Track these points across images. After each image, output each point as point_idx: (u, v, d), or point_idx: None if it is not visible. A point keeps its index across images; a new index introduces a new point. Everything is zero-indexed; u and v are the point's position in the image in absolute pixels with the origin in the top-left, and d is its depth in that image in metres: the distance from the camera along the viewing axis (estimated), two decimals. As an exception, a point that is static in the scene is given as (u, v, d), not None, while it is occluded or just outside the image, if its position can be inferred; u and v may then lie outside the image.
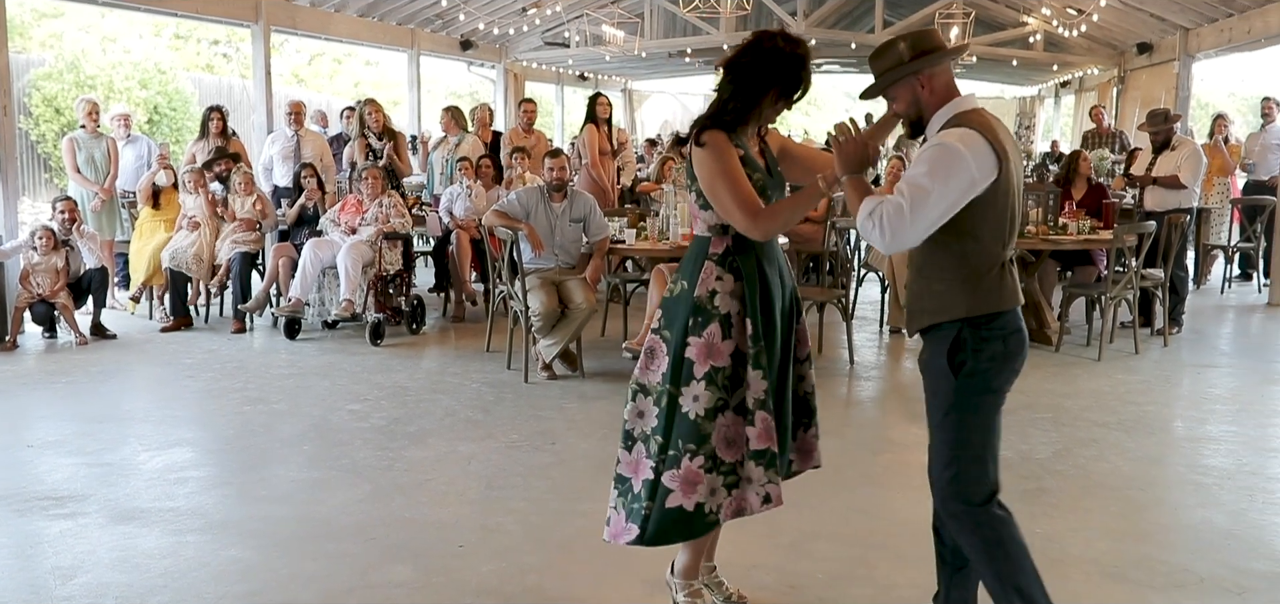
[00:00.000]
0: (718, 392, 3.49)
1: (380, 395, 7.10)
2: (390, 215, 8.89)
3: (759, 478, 3.53)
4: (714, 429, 3.50)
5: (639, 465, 3.63)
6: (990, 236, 3.19)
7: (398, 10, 15.35)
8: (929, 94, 3.25)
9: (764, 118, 3.58)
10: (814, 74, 3.59)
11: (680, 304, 3.56)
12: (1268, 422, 6.68)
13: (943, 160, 3.05)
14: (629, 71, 26.47)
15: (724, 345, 3.50)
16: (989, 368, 3.22)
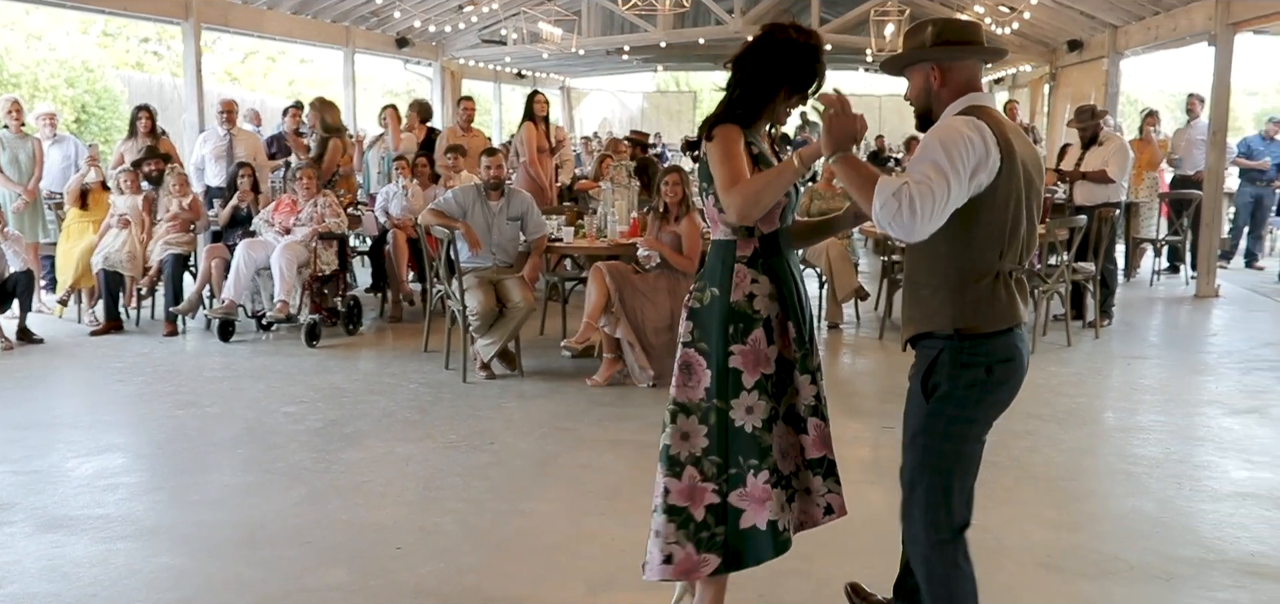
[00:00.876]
0: (770, 400, 3.33)
1: (316, 397, 7.02)
2: (325, 215, 8.78)
3: (819, 488, 3.42)
4: (773, 440, 3.33)
5: (696, 492, 3.36)
6: (985, 241, 2.98)
7: (331, 7, 15.18)
8: (940, 86, 3.09)
9: (777, 115, 3.44)
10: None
11: (714, 313, 3.35)
12: (1195, 411, 6.82)
13: (953, 141, 2.85)
14: (567, 69, 26.43)
15: (769, 351, 3.34)
16: (965, 396, 3.04)
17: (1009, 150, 2.93)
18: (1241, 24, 10.88)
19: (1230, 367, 8.05)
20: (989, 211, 2.94)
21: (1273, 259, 13.50)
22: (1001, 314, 3.01)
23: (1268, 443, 6.18)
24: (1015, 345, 3.07)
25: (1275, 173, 13.00)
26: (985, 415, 3.10)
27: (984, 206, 2.92)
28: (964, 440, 3.08)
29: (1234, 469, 5.68)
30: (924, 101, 3.14)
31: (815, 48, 3.35)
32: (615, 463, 5.70)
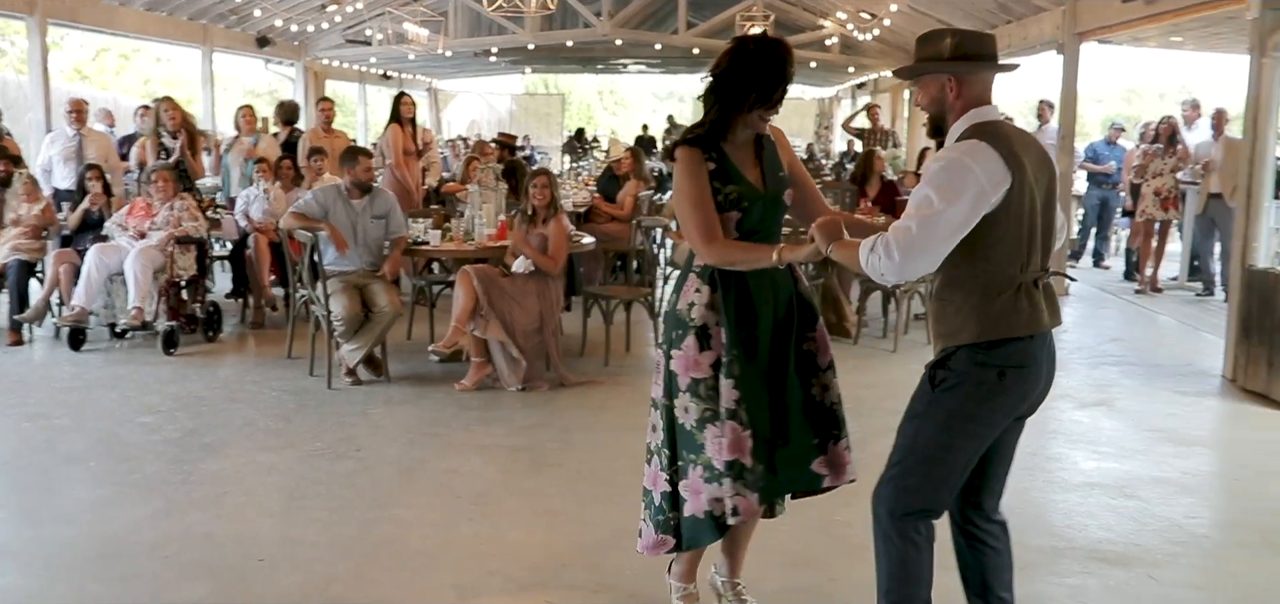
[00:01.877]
0: (702, 402, 3.47)
1: (174, 406, 6.79)
2: (182, 218, 8.51)
3: (727, 490, 3.44)
4: (706, 439, 3.47)
5: (657, 478, 3.63)
6: (1004, 256, 3.02)
7: (187, 5, 14.74)
8: (955, 98, 3.11)
9: (753, 126, 3.45)
10: (625, 73, 3.52)
11: (668, 318, 3.58)
12: (1046, 405, 7.02)
13: (947, 175, 2.92)
14: (434, 70, 26.15)
15: (703, 357, 3.46)
16: (974, 392, 3.09)
17: (1018, 165, 2.97)
18: (1087, 34, 11.34)
19: (1079, 362, 8.39)
20: (1003, 227, 2.98)
21: (1118, 258, 14.11)
22: (1023, 322, 3.06)
23: (1114, 435, 6.47)
24: (1032, 352, 3.11)
25: (1119, 175, 13.59)
26: (990, 416, 3.13)
27: (998, 224, 2.97)
28: (958, 435, 3.13)
29: (1083, 460, 5.93)
30: (938, 110, 3.16)
31: (782, 57, 3.38)
32: (484, 467, 5.66)
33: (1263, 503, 5.32)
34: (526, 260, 7.16)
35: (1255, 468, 5.88)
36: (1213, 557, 4.68)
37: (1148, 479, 5.60)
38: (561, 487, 5.37)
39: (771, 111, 3.43)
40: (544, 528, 4.84)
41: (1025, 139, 3.12)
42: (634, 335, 8.60)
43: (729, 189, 3.42)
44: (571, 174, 17.64)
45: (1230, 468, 6.08)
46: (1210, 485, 5.78)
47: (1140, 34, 11.64)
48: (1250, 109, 7.76)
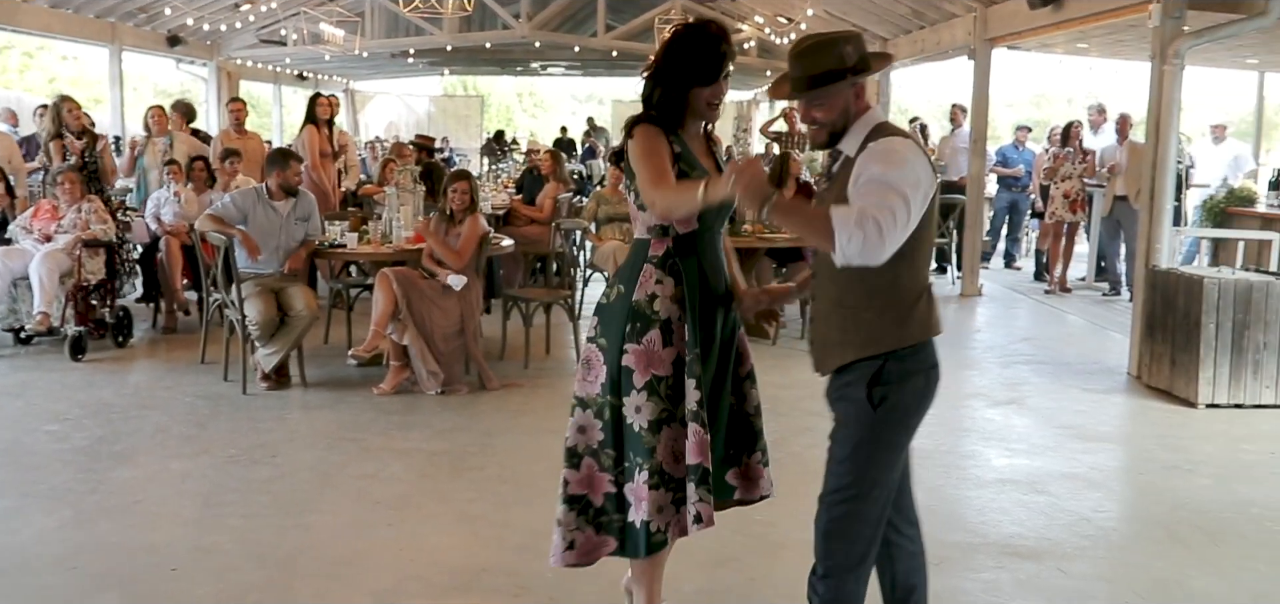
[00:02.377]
0: (661, 402, 3.32)
1: (82, 414, 6.63)
2: (90, 221, 8.31)
3: (692, 496, 3.30)
4: (659, 442, 3.32)
5: (595, 480, 3.45)
6: (923, 259, 3.02)
7: (95, 2, 14.38)
8: (858, 104, 3.01)
9: (700, 114, 3.37)
10: (544, 75, 3.44)
11: (617, 310, 3.38)
12: (960, 404, 7.23)
13: (902, 164, 2.82)
14: (350, 71, 25.85)
15: (665, 353, 3.32)
16: (910, 403, 3.03)
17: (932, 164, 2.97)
18: (997, 39, 11.59)
19: (992, 361, 8.57)
20: (927, 230, 2.95)
21: (1029, 259, 14.43)
22: (935, 322, 3.05)
23: (1024, 432, 6.62)
24: (936, 350, 3.09)
25: (1028, 178, 13.91)
26: (918, 422, 3.10)
27: (924, 226, 2.92)
28: (901, 449, 3.10)
29: (995, 457, 6.06)
30: (843, 122, 3.01)
31: (715, 36, 3.30)
32: (403, 472, 5.61)
33: (1166, 496, 5.48)
34: (460, 277, 7.12)
35: (1159, 462, 6.06)
36: (1119, 549, 4.82)
37: (1057, 475, 5.74)
38: (481, 490, 5.34)
39: (716, 96, 3.34)
40: (464, 532, 4.82)
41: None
42: (554, 337, 8.59)
43: (695, 174, 3.27)
44: (490, 176, 17.56)
45: (1135, 462, 6.25)
46: (1117, 480, 5.94)
47: (1048, 40, 11.92)
48: (1152, 114, 8.00)
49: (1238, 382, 7.06)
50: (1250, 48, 11.54)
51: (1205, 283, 7.04)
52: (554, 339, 8.59)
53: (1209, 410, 7.02)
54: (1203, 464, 5.98)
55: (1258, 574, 4.52)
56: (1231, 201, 10.55)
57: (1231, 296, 7.01)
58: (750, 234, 8.94)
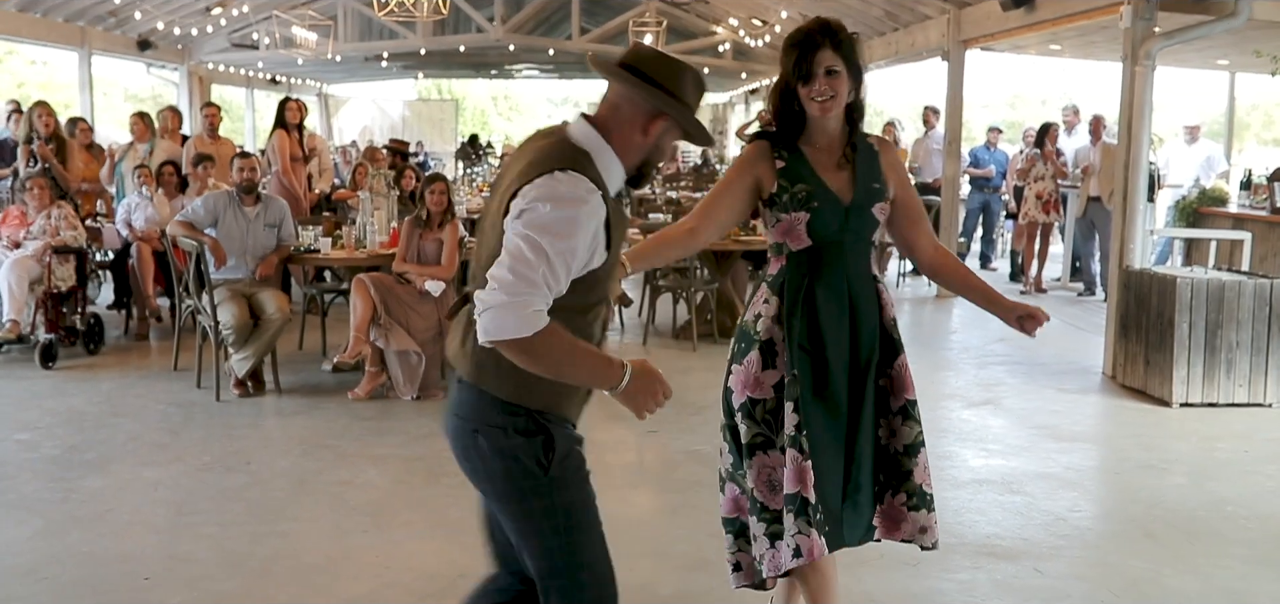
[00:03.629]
0: (755, 426, 3.16)
1: (53, 422, 6.56)
2: (60, 227, 8.23)
3: (789, 528, 3.09)
4: (751, 468, 3.17)
5: (739, 502, 3.30)
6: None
7: (64, 5, 14.24)
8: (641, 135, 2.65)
9: (813, 117, 3.13)
10: (519, 78, 3.22)
11: (737, 330, 3.30)
12: (937, 405, 7.25)
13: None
14: (323, 75, 25.72)
15: (765, 376, 3.16)
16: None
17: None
18: (971, 41, 11.64)
19: (968, 362, 8.60)
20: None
21: (1004, 260, 14.50)
22: None
23: (1000, 432, 6.64)
24: None
25: (1000, 179, 13.97)
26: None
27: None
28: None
29: (972, 458, 6.07)
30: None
31: (804, 28, 3.15)
32: (378, 478, 5.57)
33: (1141, 494, 5.51)
34: (438, 282, 7.09)
35: (1134, 461, 6.09)
36: (1095, 548, 4.84)
37: (1033, 475, 5.76)
38: (458, 496, 5.30)
39: (812, 94, 3.07)
40: (441, 538, 4.79)
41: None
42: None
43: (797, 188, 3.12)
44: (465, 180, 17.52)
45: (1110, 461, 6.28)
46: (1092, 479, 5.96)
47: (1020, 42, 11.98)
48: (1124, 115, 8.05)
49: (1211, 381, 7.11)
50: (1221, 49, 11.63)
51: (1178, 283, 7.09)
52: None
53: (1183, 409, 7.06)
54: (1177, 463, 6.02)
55: (1232, 572, 4.54)
56: (1203, 202, 10.63)
57: (1204, 296, 7.05)
58: (727, 237, 8.95)
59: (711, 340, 9.05)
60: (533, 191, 2.37)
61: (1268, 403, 7.10)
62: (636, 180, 2.62)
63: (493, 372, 2.49)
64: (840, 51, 3.08)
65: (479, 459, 2.57)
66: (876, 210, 3.19)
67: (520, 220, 2.34)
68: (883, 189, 3.20)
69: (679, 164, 19.64)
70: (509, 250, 2.33)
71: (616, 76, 2.54)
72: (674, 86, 2.52)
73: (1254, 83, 14.73)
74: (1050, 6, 9.37)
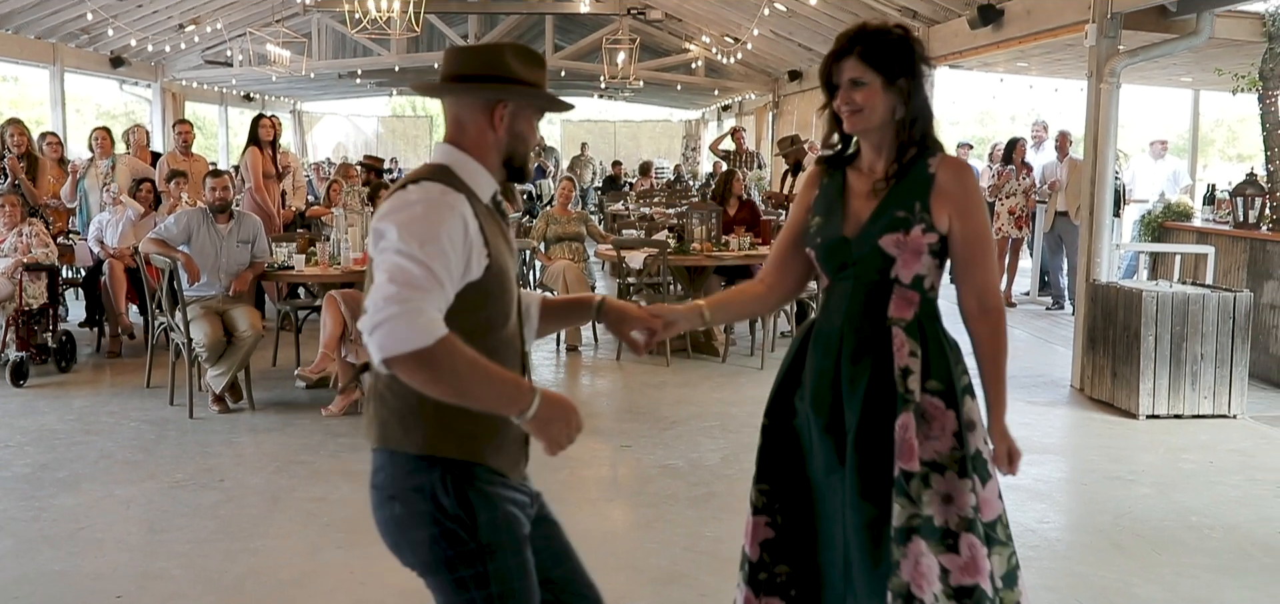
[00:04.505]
0: (756, 468, 2.96)
1: (24, 440, 6.53)
2: (31, 245, 8.20)
3: (739, 591, 2.91)
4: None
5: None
6: None
7: (37, 23, 14.18)
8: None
9: (855, 138, 2.84)
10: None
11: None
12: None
13: None
14: (298, 92, 25.69)
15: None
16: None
17: None
18: (939, 59, 11.75)
19: (938, 375, 8.66)
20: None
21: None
22: None
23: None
24: None
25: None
26: None
27: None
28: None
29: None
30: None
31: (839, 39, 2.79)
32: (353, 494, 5.58)
33: (1109, 505, 5.58)
34: None
35: (1102, 472, 6.17)
36: (1063, 558, 4.90)
37: (1003, 486, 5.79)
38: (432, 511, 5.32)
39: (838, 105, 2.75)
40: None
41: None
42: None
43: (815, 218, 2.85)
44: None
45: (1078, 473, 6.36)
46: (1061, 490, 6.04)
47: (988, 59, 12.11)
48: (1090, 132, 8.17)
49: (1176, 392, 7.20)
50: (1184, 67, 11.80)
51: (1144, 296, 7.19)
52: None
53: (1149, 421, 7.15)
54: (1143, 474, 6.10)
55: (1197, 581, 4.62)
56: (1168, 216, 10.77)
57: (1169, 309, 7.15)
58: (699, 252, 9.01)
59: (685, 355, 9.10)
60: (386, 211, 2.26)
61: (1232, 414, 7.20)
62: (516, 175, 2.49)
63: (398, 426, 2.33)
64: (869, 60, 2.68)
65: (398, 529, 2.38)
66: (888, 243, 2.71)
67: (382, 241, 2.21)
68: (909, 219, 2.69)
69: (651, 180, 19.73)
70: (381, 269, 2.17)
71: (442, 92, 2.45)
72: (497, 69, 2.39)
73: (1217, 100, 14.94)
74: (1017, 24, 9.50)
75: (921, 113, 2.72)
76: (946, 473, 2.68)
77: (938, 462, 2.68)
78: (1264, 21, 8.57)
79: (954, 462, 2.68)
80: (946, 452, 2.69)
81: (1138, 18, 7.90)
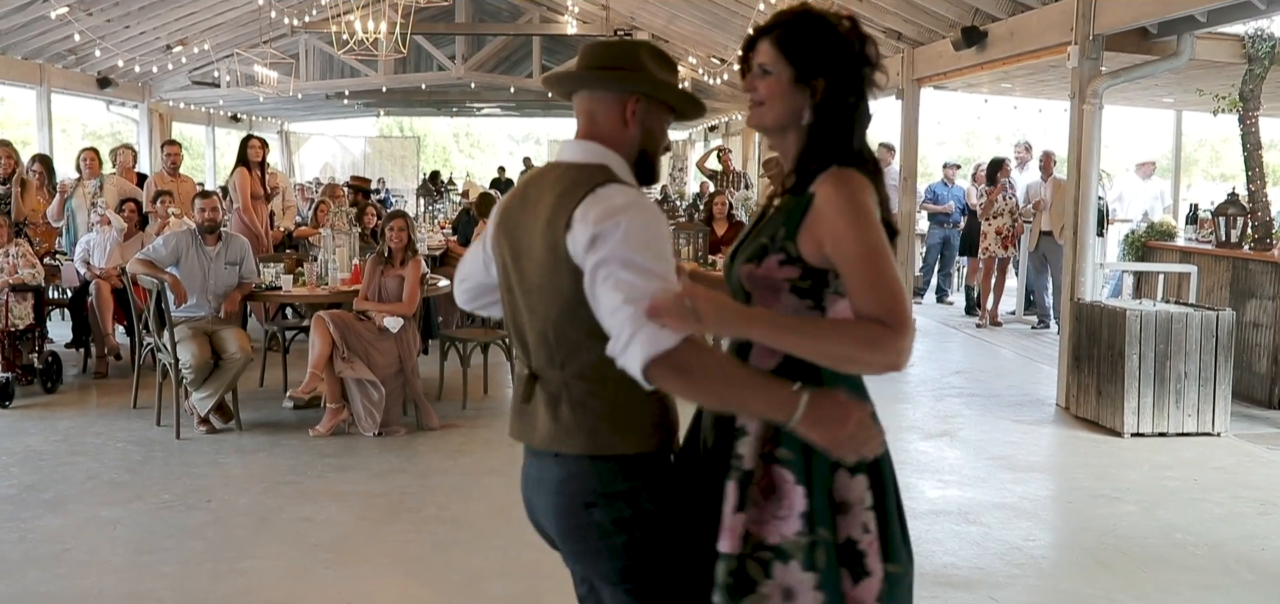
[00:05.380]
0: None
1: (10, 461, 6.51)
2: (18, 265, 8.18)
3: None
4: None
5: None
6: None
7: (23, 43, 14.18)
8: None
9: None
10: (480, 116, 2.59)
11: None
12: (895, 437, 7.19)
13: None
14: (285, 113, 25.70)
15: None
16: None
17: (498, 208, 2.50)
18: (924, 79, 11.84)
19: (925, 394, 8.71)
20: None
21: (960, 294, 14.68)
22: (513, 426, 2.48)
23: (956, 463, 6.74)
24: (522, 459, 2.49)
25: (960, 214, 14.17)
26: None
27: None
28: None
29: (929, 489, 6.16)
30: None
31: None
32: (340, 515, 5.58)
33: (1093, 523, 5.62)
34: (396, 319, 7.12)
35: (1087, 490, 6.20)
36: (1049, 576, 4.93)
37: (989, 505, 5.85)
38: (420, 532, 5.33)
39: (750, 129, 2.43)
40: (402, 574, 4.81)
41: (524, 191, 2.44)
42: (491, 378, 8.58)
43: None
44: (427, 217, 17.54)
45: (1064, 491, 6.39)
46: (1046, 508, 6.07)
47: (973, 80, 12.20)
48: (1073, 152, 8.23)
49: (1161, 410, 7.25)
50: (1166, 88, 11.89)
51: (1128, 315, 7.23)
52: (492, 379, 8.58)
53: (1134, 439, 7.19)
54: (1128, 492, 6.13)
55: (1182, 598, 4.65)
56: (1152, 235, 10.84)
57: (1153, 328, 7.20)
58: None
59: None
60: (591, 218, 2.17)
61: (1216, 432, 7.25)
62: (647, 174, 2.39)
63: (607, 429, 2.28)
64: (783, 46, 2.28)
65: (594, 535, 2.31)
66: (743, 275, 2.31)
67: (598, 251, 2.13)
68: (767, 247, 2.26)
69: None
70: (615, 285, 2.10)
71: (578, 83, 2.40)
72: (631, 62, 2.37)
73: (1200, 120, 15.05)
74: (1001, 46, 9.57)
75: (838, 124, 2.27)
76: (790, 562, 2.20)
77: (781, 547, 2.21)
78: (1243, 43, 8.65)
79: (799, 550, 2.19)
80: (792, 535, 2.21)
81: (1120, 40, 7.97)
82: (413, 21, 13.12)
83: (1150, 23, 7.75)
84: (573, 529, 2.33)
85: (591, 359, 2.24)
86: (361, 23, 13.34)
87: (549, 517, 2.38)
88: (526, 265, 2.33)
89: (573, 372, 2.28)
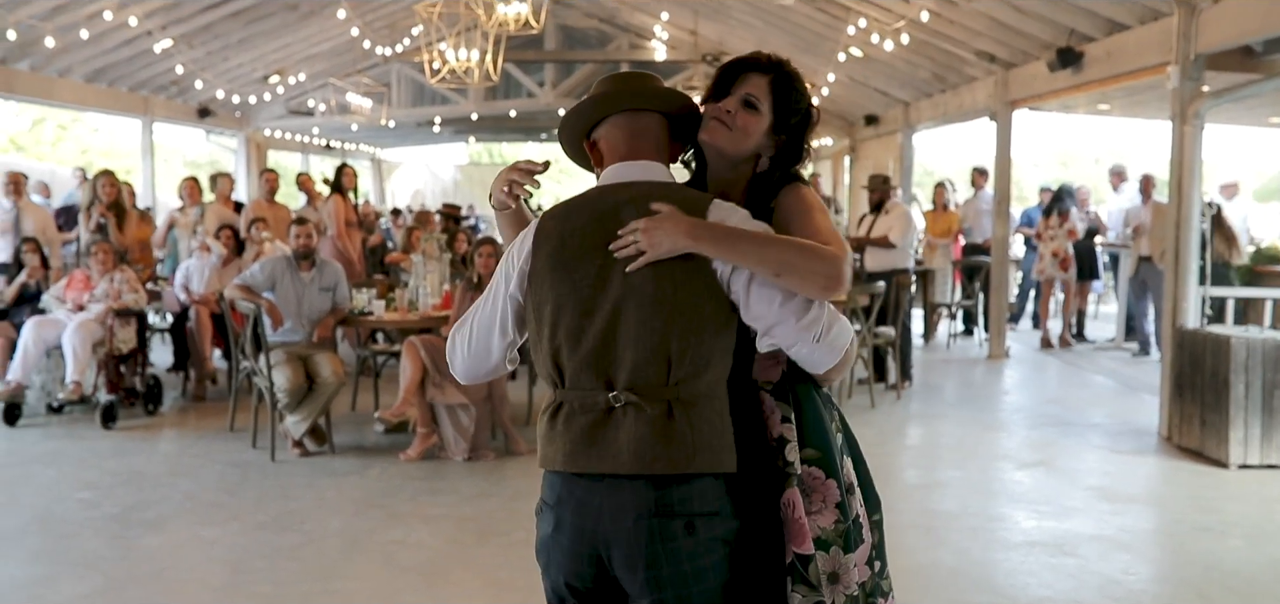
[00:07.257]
0: None
1: (113, 482, 6.69)
2: (122, 290, 8.43)
3: None
4: None
5: None
6: (538, 362, 2.48)
7: (129, 76, 14.65)
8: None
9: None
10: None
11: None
12: (989, 466, 7.19)
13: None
14: (377, 140, 26.15)
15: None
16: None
17: (543, 231, 2.46)
18: (1018, 102, 11.63)
19: (1020, 423, 8.52)
20: (531, 324, 2.47)
21: (1056, 321, 14.36)
22: (548, 453, 2.47)
23: (1052, 493, 6.57)
24: (559, 492, 2.47)
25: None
26: (544, 559, 2.59)
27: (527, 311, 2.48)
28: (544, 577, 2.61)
29: (1024, 519, 6.01)
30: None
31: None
32: (430, 538, 5.62)
33: (1197, 557, 5.43)
34: None
35: (1190, 523, 6.00)
36: (1150, 612, 4.77)
37: (1086, 536, 5.69)
38: (508, 556, 5.35)
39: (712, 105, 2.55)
40: (490, 598, 4.82)
41: (587, 204, 2.49)
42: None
43: None
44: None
45: (1166, 524, 6.19)
46: (1147, 541, 5.88)
47: (1068, 102, 11.97)
48: (1174, 174, 7.99)
49: (1269, 441, 6.99)
50: (1272, 106, 11.54)
51: (1233, 342, 7.00)
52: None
53: (1241, 471, 6.95)
54: (1235, 525, 5.92)
55: (1292, 637, 4.47)
56: (1259, 260, 10.51)
57: (1260, 356, 6.96)
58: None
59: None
60: (734, 223, 2.37)
61: (1328, 464, 6.98)
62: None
63: (711, 444, 2.32)
64: (776, 92, 2.51)
65: (694, 556, 2.30)
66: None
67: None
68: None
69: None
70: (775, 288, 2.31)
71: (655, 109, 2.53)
72: (684, 107, 2.55)
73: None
74: (1097, 67, 9.37)
75: (784, 168, 2.55)
76: (831, 549, 2.42)
77: (821, 538, 2.41)
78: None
79: (838, 536, 2.42)
80: (830, 526, 2.43)
81: (1222, 58, 7.74)
82: (504, 49, 13.23)
83: (1254, 40, 7.52)
84: (667, 553, 2.30)
85: (716, 374, 2.35)
86: (454, 52, 13.51)
87: (635, 544, 2.31)
88: (638, 279, 2.31)
89: (688, 389, 2.32)
